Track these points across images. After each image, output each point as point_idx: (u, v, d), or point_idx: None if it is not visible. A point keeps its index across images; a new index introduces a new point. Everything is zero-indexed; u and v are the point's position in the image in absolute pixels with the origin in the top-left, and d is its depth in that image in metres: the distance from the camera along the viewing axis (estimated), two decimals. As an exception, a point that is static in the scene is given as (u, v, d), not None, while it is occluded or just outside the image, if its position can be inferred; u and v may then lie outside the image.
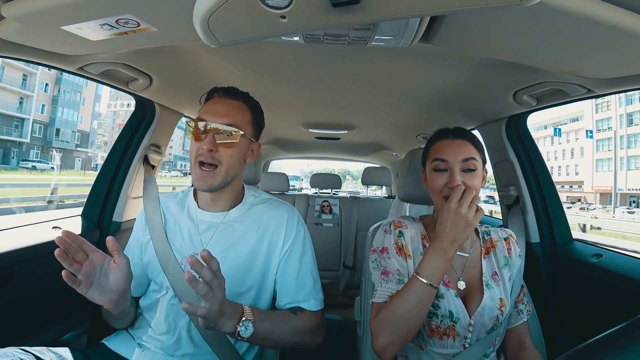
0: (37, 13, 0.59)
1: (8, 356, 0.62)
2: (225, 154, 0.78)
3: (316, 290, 0.85)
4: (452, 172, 0.77)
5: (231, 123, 0.77)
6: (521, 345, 0.81)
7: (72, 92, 28.35)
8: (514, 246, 0.86)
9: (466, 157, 0.78)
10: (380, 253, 0.83)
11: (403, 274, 0.79)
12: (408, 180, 1.07)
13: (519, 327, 0.83)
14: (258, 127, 0.87)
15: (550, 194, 1.21)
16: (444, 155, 0.79)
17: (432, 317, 0.76)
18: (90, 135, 31.98)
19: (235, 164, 0.80)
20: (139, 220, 0.91)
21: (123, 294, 0.70)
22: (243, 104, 0.83)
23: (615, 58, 0.66)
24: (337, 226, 2.64)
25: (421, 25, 0.62)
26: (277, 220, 0.86)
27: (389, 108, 1.52)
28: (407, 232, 0.84)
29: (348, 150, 3.00)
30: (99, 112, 37.14)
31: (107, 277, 0.67)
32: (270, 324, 0.72)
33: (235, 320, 0.66)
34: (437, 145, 0.83)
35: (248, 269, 0.81)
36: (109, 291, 0.67)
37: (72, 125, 28.59)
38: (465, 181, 0.76)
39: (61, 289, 1.07)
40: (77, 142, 29.78)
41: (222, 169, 0.78)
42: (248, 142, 0.83)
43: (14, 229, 0.99)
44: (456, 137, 0.81)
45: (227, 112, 0.79)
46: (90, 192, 1.26)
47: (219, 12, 0.46)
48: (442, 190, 0.78)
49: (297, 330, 0.77)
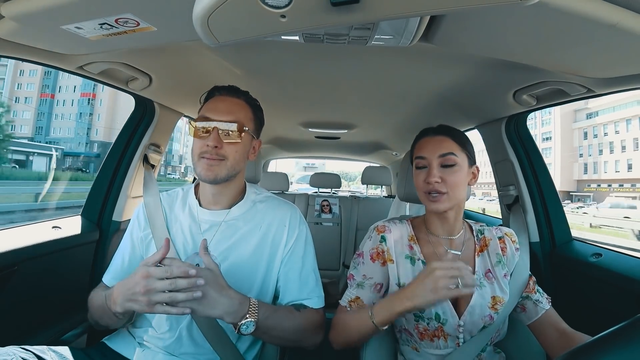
0: (36, 12, 0.59)
1: (9, 355, 0.62)
2: (231, 150, 0.78)
3: (318, 288, 0.86)
4: (430, 167, 0.78)
5: (235, 120, 0.78)
6: (562, 334, 0.76)
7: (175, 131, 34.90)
8: (510, 245, 0.85)
9: (444, 152, 0.78)
10: (358, 256, 0.86)
11: (370, 278, 0.82)
12: (407, 179, 1.07)
13: (546, 317, 0.79)
14: (259, 124, 0.88)
15: (550, 194, 1.21)
16: (422, 152, 0.81)
17: (419, 321, 0.77)
18: (182, 156, 48.76)
19: (240, 159, 0.81)
20: (138, 216, 0.89)
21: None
22: (244, 102, 0.84)
23: (615, 58, 0.66)
24: (337, 225, 2.64)
25: (421, 24, 0.62)
26: (280, 219, 0.86)
27: (389, 108, 1.51)
28: (390, 237, 0.84)
29: (348, 150, 3.00)
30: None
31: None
32: (273, 321, 0.72)
33: (239, 317, 0.66)
34: (419, 143, 0.84)
35: (251, 267, 0.81)
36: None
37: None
38: (443, 176, 0.77)
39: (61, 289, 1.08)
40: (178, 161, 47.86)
41: (228, 162, 0.79)
42: (250, 139, 0.84)
43: (14, 229, 0.99)
44: (436, 134, 0.82)
45: (230, 109, 0.80)
46: (90, 192, 1.26)
47: (219, 11, 0.46)
48: (423, 187, 0.79)
49: (299, 328, 0.77)
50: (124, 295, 0.64)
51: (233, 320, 0.66)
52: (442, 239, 0.83)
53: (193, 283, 0.61)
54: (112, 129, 35.27)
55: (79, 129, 38.22)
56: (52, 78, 37.75)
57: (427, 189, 0.78)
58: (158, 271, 0.61)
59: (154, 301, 0.61)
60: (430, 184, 0.77)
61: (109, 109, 37.67)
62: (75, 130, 38.37)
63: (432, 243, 0.83)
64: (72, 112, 38.76)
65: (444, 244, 0.83)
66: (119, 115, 35.13)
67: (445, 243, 0.83)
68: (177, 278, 0.61)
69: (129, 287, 0.64)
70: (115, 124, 35.07)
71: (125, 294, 0.64)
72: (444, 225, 0.83)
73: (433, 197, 0.77)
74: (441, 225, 0.83)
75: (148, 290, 0.60)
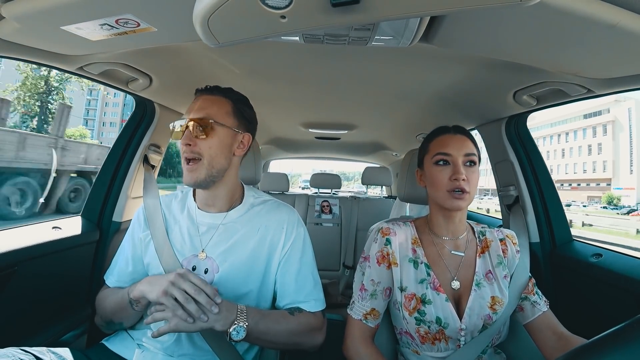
0: (36, 13, 0.59)
1: (8, 356, 0.61)
2: (204, 146, 0.78)
3: (316, 291, 0.85)
4: (456, 165, 0.77)
5: (203, 116, 0.78)
6: (559, 337, 0.76)
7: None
8: (511, 246, 0.85)
9: (468, 151, 0.78)
10: (364, 260, 0.86)
11: (378, 283, 0.82)
12: (408, 180, 1.07)
13: (543, 319, 0.79)
14: (242, 118, 0.85)
15: (550, 194, 1.21)
16: (447, 149, 0.79)
17: (420, 324, 0.77)
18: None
19: (218, 155, 0.80)
20: (139, 217, 0.90)
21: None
22: (221, 97, 0.83)
23: (615, 58, 0.66)
24: (337, 226, 2.64)
25: (421, 25, 0.62)
26: (278, 222, 0.86)
27: (389, 108, 1.52)
28: (395, 239, 0.83)
29: (348, 150, 3.00)
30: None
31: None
32: (265, 326, 0.72)
33: (228, 323, 0.68)
34: (439, 140, 0.82)
35: (249, 270, 0.81)
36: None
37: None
38: (467, 175, 0.76)
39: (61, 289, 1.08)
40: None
41: (204, 161, 0.78)
42: (230, 133, 0.82)
43: (14, 229, 0.99)
44: (457, 132, 0.82)
45: (201, 106, 0.80)
46: (90, 192, 1.26)
47: (219, 12, 0.46)
48: (447, 184, 0.77)
49: (293, 332, 0.77)
50: (148, 280, 0.72)
51: (222, 327, 0.67)
52: (446, 240, 0.83)
53: (210, 304, 0.66)
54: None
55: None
56: (130, 106, 43.35)
57: (453, 186, 0.76)
58: (193, 276, 0.68)
59: (169, 292, 0.66)
60: (457, 181, 0.76)
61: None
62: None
63: (435, 244, 0.83)
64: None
65: (447, 245, 0.83)
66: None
67: (449, 244, 0.83)
68: (202, 291, 0.66)
69: (159, 277, 0.71)
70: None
71: (152, 279, 0.71)
72: (450, 226, 0.83)
73: (458, 194, 0.76)
74: (446, 226, 0.83)
75: (173, 283, 0.67)
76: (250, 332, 0.69)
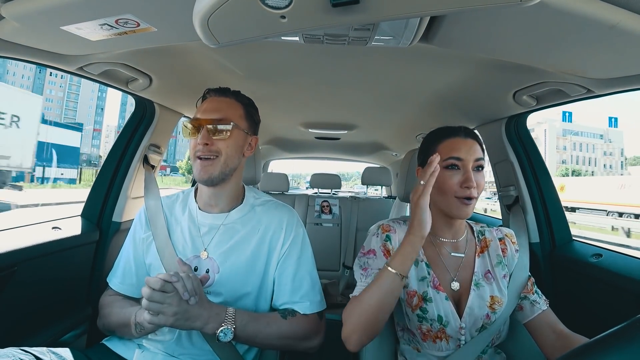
0: (36, 13, 0.59)
1: (8, 357, 0.61)
2: (222, 145, 0.80)
3: (313, 293, 0.85)
4: (468, 172, 0.75)
5: (222, 117, 0.80)
6: (559, 335, 0.75)
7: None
8: (510, 245, 0.85)
9: (478, 157, 0.77)
10: (366, 254, 0.83)
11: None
12: (408, 180, 1.07)
13: (543, 317, 0.78)
14: (252, 121, 0.89)
15: (550, 194, 1.21)
16: (459, 154, 0.76)
17: (422, 322, 0.77)
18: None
19: (233, 155, 0.82)
20: (140, 218, 0.91)
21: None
22: (234, 100, 0.85)
23: (615, 58, 0.66)
24: (337, 226, 2.64)
25: (421, 25, 0.62)
26: (277, 222, 0.86)
27: (389, 108, 1.51)
28: (394, 236, 0.83)
29: (348, 151, 3.00)
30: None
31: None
32: (254, 329, 0.73)
33: (216, 325, 0.69)
34: (449, 143, 0.79)
35: (249, 270, 0.81)
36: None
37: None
38: (477, 180, 0.75)
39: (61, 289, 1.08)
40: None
41: (220, 159, 0.80)
42: (243, 134, 0.84)
43: (14, 229, 0.99)
44: (467, 136, 0.80)
45: (217, 108, 0.82)
46: (90, 192, 1.26)
47: (219, 12, 0.46)
48: (456, 191, 0.75)
49: (284, 335, 0.77)
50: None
51: (211, 330, 0.69)
52: (446, 241, 0.83)
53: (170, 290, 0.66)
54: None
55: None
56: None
57: (464, 194, 0.74)
58: (152, 281, 0.67)
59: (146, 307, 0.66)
60: (469, 189, 0.74)
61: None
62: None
63: (435, 245, 0.83)
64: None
65: (447, 246, 0.83)
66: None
67: (448, 245, 0.83)
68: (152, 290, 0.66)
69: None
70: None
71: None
72: (451, 228, 0.82)
73: (468, 202, 0.74)
74: (448, 229, 0.83)
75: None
76: (239, 334, 0.71)
